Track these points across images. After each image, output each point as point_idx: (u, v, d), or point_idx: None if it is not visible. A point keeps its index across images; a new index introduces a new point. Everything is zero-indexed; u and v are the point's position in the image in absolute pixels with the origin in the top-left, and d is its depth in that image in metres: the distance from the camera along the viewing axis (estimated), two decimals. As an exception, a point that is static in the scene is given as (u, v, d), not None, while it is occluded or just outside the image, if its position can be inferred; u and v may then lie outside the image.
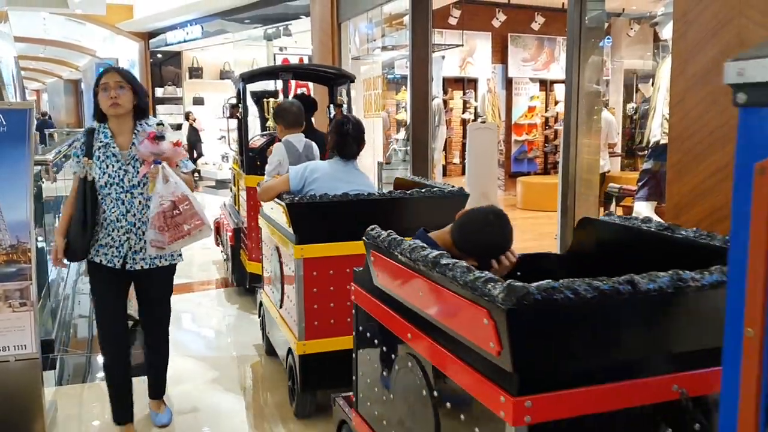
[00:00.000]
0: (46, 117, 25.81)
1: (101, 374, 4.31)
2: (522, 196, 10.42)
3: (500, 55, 12.01)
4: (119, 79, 3.00)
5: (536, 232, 8.15)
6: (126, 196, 2.99)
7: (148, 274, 3.12)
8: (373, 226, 2.27)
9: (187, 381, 4.17)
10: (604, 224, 2.41)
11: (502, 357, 1.48)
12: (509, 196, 11.30)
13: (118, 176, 2.99)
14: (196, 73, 15.79)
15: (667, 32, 4.98)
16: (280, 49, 13.34)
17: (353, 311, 2.48)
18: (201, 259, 7.44)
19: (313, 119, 5.59)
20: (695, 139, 3.28)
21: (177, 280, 3.61)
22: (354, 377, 2.57)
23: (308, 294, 3.25)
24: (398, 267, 2.00)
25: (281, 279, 3.72)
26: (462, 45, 11.49)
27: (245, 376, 4.30)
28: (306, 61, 12.95)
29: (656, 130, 5.25)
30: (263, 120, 6.70)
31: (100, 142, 3.03)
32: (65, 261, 3.12)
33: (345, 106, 5.86)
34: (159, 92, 16.25)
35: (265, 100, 6.80)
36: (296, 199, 3.29)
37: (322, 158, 4.39)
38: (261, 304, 4.46)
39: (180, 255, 3.25)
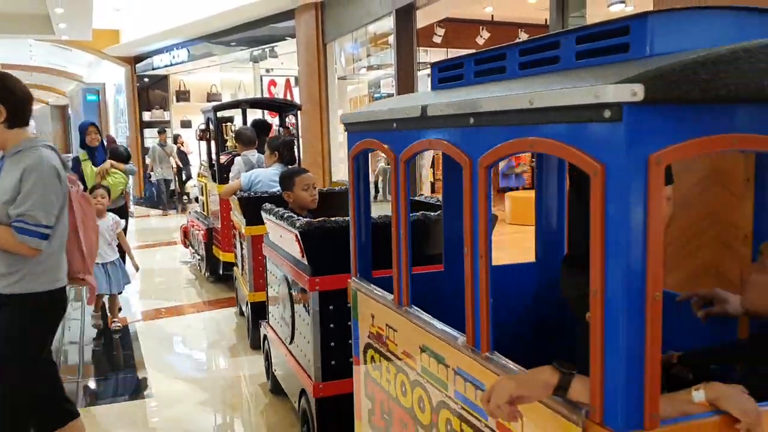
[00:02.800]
0: None
1: (93, 399, 4.77)
2: (510, 211, 11.44)
3: (486, 71, 13.50)
4: None
5: (522, 247, 9.23)
6: None
7: None
8: (266, 204, 4.19)
9: (178, 403, 4.60)
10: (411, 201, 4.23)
11: (304, 258, 3.38)
12: (498, 211, 12.47)
13: None
14: (183, 96, 17.00)
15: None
16: (267, 70, 14.59)
17: (265, 261, 4.48)
18: (178, 277, 8.55)
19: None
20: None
21: (164, 303, 4.65)
22: (266, 302, 4.63)
23: (255, 260, 5.29)
24: (273, 223, 3.91)
25: (241, 252, 5.83)
26: (446, 63, 12.99)
27: (235, 397, 4.78)
28: (293, 81, 14.56)
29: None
30: (223, 141, 8.59)
31: None
32: None
33: (293, 128, 8.07)
34: (146, 116, 17.47)
35: (223, 124, 8.97)
36: (245, 194, 5.39)
37: None
38: (235, 278, 6.54)
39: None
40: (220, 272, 7.60)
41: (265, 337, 4.65)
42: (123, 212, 7.18)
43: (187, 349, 6.06)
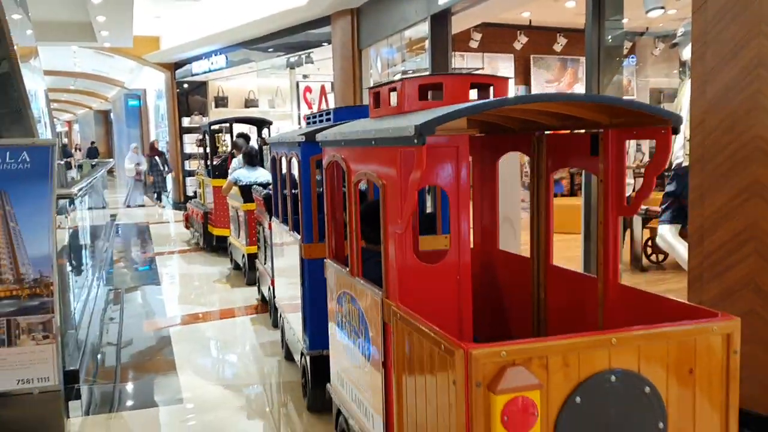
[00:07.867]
0: (94, 145, 30.47)
1: (128, 403, 4.92)
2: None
3: (523, 77, 13.47)
4: None
5: (561, 257, 9.31)
6: None
7: None
8: (254, 186, 7.95)
9: (213, 409, 4.73)
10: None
11: (266, 211, 6.64)
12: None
13: None
14: (221, 102, 17.43)
15: (686, 53, 5.33)
16: (303, 76, 15.11)
17: (255, 224, 8.08)
18: (209, 282, 9.11)
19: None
20: (716, 162, 3.46)
21: (200, 308, 5.74)
22: (257, 252, 7.87)
23: (251, 226, 8.26)
24: (257, 198, 7.50)
25: (238, 223, 9.03)
26: (482, 68, 13.24)
27: (270, 403, 4.91)
28: (328, 87, 15.02)
29: (678, 152, 5.47)
30: (215, 147, 12.06)
31: None
32: None
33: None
34: (186, 121, 18.15)
35: (215, 135, 12.13)
36: (243, 185, 8.62)
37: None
38: (230, 244, 9.91)
39: None
40: (214, 243, 11.01)
41: (257, 270, 7.91)
42: None
43: (222, 353, 6.34)
